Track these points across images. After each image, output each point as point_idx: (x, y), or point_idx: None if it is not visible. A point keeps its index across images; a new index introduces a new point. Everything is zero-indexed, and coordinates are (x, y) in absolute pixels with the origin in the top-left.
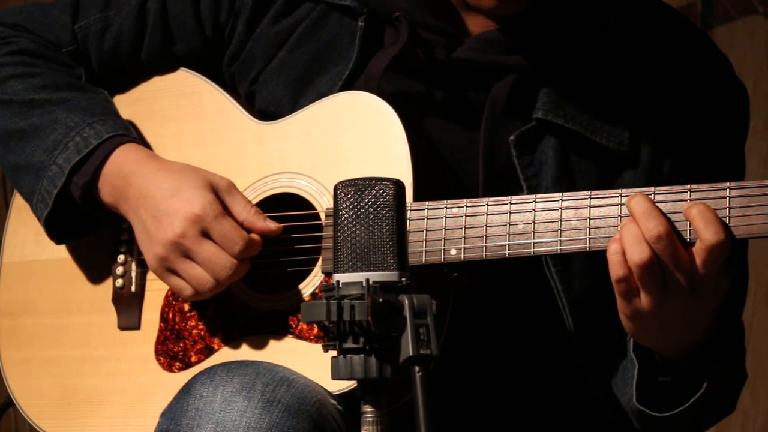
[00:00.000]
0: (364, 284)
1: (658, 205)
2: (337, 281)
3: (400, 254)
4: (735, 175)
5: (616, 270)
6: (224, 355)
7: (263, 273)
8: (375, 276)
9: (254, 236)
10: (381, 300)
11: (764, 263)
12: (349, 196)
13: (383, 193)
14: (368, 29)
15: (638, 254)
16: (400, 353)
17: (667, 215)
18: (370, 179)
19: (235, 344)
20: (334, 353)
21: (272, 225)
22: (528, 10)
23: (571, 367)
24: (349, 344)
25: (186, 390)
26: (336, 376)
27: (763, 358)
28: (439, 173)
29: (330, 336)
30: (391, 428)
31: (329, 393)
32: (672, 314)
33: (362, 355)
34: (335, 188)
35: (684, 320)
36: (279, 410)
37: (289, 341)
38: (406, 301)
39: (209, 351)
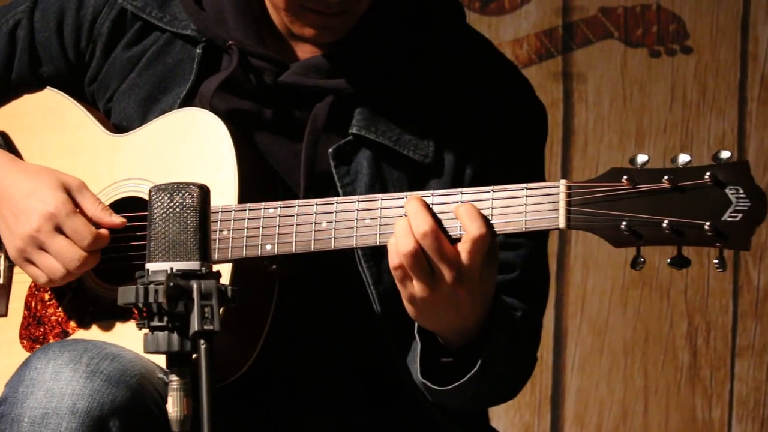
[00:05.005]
0: (168, 272)
1: (435, 206)
2: (147, 269)
3: (202, 247)
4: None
5: (391, 259)
6: (77, 337)
7: (114, 266)
8: (180, 265)
9: (102, 231)
10: (172, 284)
11: (618, 267)
12: (161, 198)
13: (189, 195)
14: (206, 56)
15: (405, 245)
16: (190, 329)
17: (440, 214)
18: (179, 184)
19: (87, 329)
20: (146, 331)
21: (117, 219)
22: (346, 39)
23: (381, 349)
24: (156, 323)
25: (25, 363)
26: (146, 350)
27: (617, 353)
28: (267, 180)
29: (141, 316)
30: (193, 395)
31: (162, 369)
32: (442, 301)
33: (166, 332)
34: (149, 192)
35: (454, 307)
36: (101, 380)
37: (132, 325)
38: (194, 285)
39: (65, 335)
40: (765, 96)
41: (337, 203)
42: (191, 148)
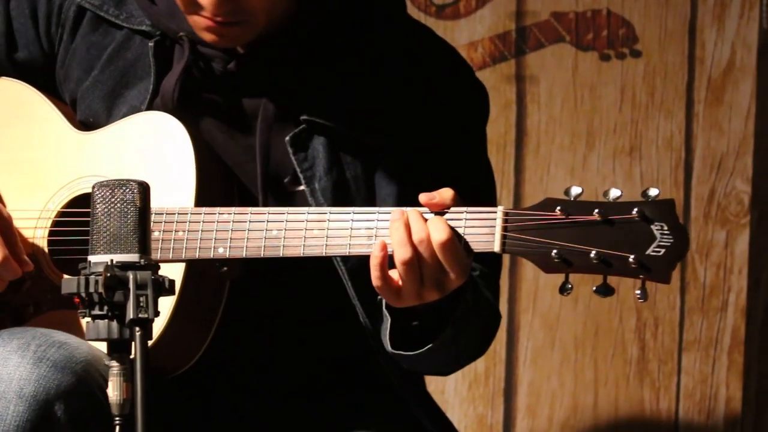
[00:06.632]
0: (108, 263)
1: (382, 222)
2: (89, 261)
3: (141, 240)
4: (471, 164)
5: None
6: (34, 325)
7: (71, 258)
8: (120, 257)
9: (14, 262)
10: (109, 275)
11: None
12: (103, 194)
13: (130, 191)
14: (161, 49)
15: (403, 254)
16: (126, 317)
17: (383, 230)
18: (120, 180)
19: (43, 317)
20: (89, 319)
21: (27, 267)
22: (293, 29)
23: (352, 325)
24: (97, 312)
25: None
26: (88, 337)
27: (568, 347)
28: (224, 179)
29: (83, 305)
30: (131, 380)
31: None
32: (427, 298)
33: (106, 320)
34: (92, 188)
35: (438, 297)
36: (47, 366)
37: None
38: (131, 276)
39: (22, 321)
40: (712, 98)
41: (288, 213)
42: (153, 151)
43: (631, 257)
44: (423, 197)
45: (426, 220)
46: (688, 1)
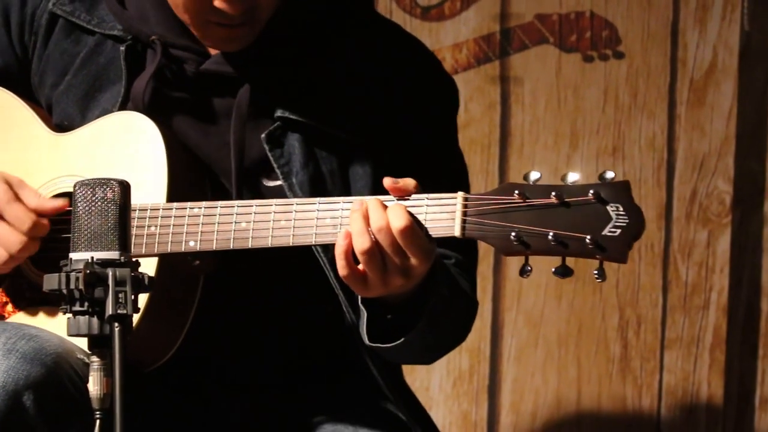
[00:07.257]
0: (89, 260)
1: (345, 211)
2: (70, 258)
3: (121, 238)
4: (442, 156)
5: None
6: (14, 320)
7: (49, 256)
8: (101, 255)
9: (42, 219)
10: (89, 272)
11: (553, 262)
12: (84, 192)
13: (110, 190)
14: (133, 52)
15: (362, 243)
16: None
17: (345, 218)
18: (101, 179)
19: (23, 313)
20: (70, 315)
21: (58, 203)
22: (265, 28)
23: (336, 317)
24: (77, 308)
25: None
26: (69, 333)
27: (552, 344)
28: (197, 175)
29: (64, 301)
30: (109, 370)
31: (83, 350)
32: (393, 285)
33: (87, 316)
34: (74, 186)
35: (404, 283)
36: (16, 357)
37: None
38: (110, 273)
39: (1, 317)
40: (693, 99)
41: (255, 206)
42: (126, 149)
43: (588, 238)
44: (387, 180)
45: (386, 207)
46: (671, 3)
